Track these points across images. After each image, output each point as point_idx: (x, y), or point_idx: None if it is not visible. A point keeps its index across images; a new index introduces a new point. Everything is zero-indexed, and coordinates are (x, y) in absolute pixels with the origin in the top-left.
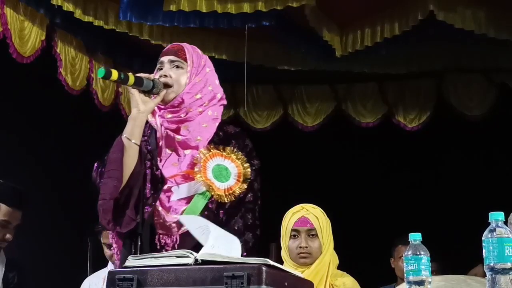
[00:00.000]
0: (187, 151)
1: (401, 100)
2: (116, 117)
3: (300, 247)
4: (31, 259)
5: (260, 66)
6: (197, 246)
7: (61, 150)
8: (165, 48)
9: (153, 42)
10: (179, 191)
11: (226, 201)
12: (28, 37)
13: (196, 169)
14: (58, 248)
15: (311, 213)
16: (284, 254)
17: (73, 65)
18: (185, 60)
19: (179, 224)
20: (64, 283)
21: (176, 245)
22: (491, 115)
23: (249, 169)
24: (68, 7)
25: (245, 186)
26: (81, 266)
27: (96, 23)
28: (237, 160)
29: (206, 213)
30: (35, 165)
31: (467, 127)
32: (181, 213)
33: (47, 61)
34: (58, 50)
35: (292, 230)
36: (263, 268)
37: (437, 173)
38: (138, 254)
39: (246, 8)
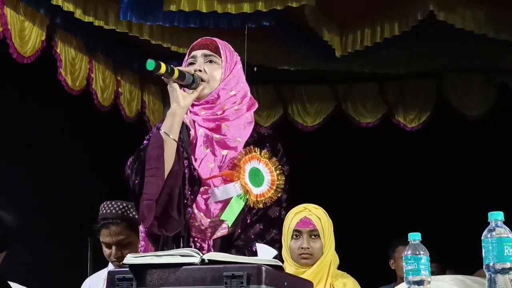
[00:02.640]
0: (224, 152)
1: (401, 100)
2: (116, 117)
3: (302, 248)
4: (31, 259)
5: (260, 66)
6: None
7: (61, 149)
8: (195, 42)
9: (153, 42)
10: (217, 194)
11: (255, 207)
12: (28, 37)
13: (235, 173)
14: (58, 248)
15: (313, 213)
16: (285, 253)
17: (73, 65)
18: (219, 55)
19: (214, 229)
20: (64, 283)
21: (211, 250)
22: (491, 115)
23: (282, 179)
24: (68, 7)
25: (277, 195)
26: (81, 266)
27: (96, 23)
28: (271, 166)
29: (242, 217)
30: (35, 165)
31: (467, 127)
32: (217, 216)
33: (47, 61)
34: (58, 50)
35: (294, 230)
36: (263, 268)
37: (437, 173)
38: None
39: (246, 8)
